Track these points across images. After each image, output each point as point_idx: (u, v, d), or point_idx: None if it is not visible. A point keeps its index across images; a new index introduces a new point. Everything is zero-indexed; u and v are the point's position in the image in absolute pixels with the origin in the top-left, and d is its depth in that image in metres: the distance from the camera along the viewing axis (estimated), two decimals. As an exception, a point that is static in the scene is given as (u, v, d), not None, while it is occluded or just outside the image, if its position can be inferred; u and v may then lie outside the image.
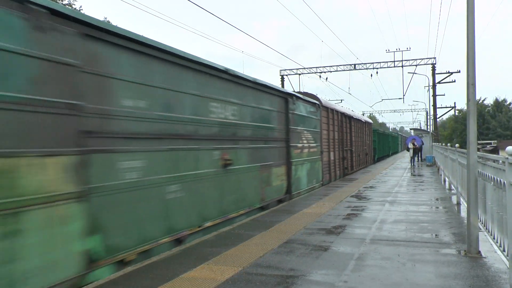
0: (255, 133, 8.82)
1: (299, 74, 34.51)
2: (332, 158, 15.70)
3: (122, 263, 4.89)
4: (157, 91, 5.67)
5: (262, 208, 9.07)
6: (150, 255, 5.33)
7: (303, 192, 11.78)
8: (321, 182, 13.97)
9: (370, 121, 26.64)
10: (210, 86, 7.04)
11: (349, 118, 19.08)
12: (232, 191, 7.74)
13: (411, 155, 24.65)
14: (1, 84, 3.59)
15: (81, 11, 31.90)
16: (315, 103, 13.52)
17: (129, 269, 4.77)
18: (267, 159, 9.41)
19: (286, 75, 34.61)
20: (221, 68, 7.26)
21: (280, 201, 10.24)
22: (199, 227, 6.55)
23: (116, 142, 4.90)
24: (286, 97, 10.66)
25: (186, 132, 6.33)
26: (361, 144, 22.40)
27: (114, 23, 37.58)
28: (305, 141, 12.17)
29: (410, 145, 24.73)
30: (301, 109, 11.90)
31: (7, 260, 3.56)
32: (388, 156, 40.01)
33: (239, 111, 8.06)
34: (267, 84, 9.43)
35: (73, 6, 31.18)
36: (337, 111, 16.69)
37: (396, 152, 48.74)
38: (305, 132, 12.20)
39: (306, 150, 12.27)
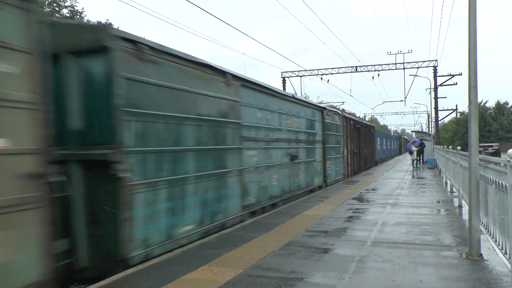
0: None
1: (301, 76, 34.50)
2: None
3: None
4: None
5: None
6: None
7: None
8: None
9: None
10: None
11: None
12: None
13: (415, 157, 24.51)
14: None
15: (83, 13, 31.98)
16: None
17: (130, 270, 4.77)
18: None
19: (288, 77, 34.57)
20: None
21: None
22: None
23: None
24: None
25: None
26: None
27: (116, 26, 37.53)
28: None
29: (414, 148, 24.56)
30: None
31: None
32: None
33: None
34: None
35: (75, 7, 31.25)
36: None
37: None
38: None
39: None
